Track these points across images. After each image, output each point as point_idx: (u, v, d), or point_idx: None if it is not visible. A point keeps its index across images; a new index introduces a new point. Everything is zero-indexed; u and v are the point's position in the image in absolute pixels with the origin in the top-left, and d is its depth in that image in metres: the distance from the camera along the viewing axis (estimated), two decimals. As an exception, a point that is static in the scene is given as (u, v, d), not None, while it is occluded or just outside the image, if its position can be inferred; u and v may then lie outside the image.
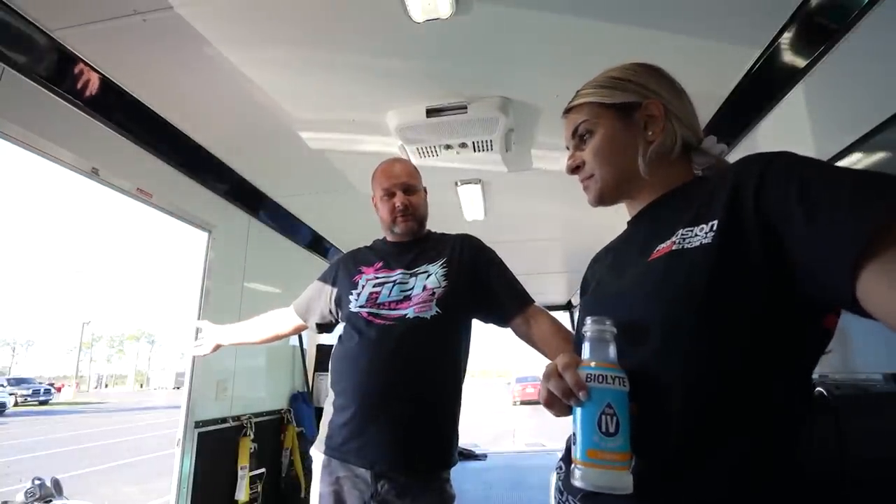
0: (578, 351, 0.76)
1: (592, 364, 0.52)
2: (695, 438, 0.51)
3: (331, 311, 1.34)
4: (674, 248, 0.57)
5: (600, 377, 0.51)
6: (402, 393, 1.11)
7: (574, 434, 0.52)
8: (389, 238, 1.36)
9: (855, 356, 1.13)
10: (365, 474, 1.10)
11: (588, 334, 0.55)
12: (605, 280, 0.70)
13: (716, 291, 0.51)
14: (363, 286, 1.25)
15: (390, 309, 1.18)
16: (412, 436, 1.10)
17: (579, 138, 0.71)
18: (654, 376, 0.54)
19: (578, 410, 0.51)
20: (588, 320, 0.55)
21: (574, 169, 0.73)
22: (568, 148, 0.75)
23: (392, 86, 1.46)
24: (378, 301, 1.20)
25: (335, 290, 1.32)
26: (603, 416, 0.49)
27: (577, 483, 0.49)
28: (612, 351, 0.54)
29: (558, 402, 0.53)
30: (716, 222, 0.53)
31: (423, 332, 1.15)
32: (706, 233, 0.54)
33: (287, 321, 1.45)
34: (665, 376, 0.53)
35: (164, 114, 1.57)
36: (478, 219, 2.61)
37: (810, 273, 0.46)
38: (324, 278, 1.39)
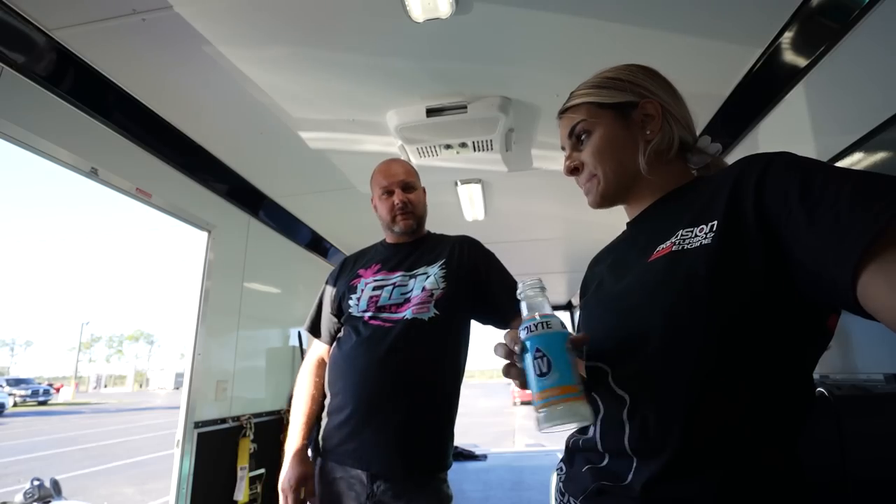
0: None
1: (524, 321, 0.58)
2: (696, 438, 0.51)
3: (337, 320, 1.31)
4: (674, 248, 0.57)
5: (528, 329, 0.56)
6: (399, 394, 1.11)
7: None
8: (389, 239, 1.35)
9: (856, 357, 1.13)
10: (361, 475, 1.09)
11: (521, 296, 0.61)
12: (606, 281, 0.70)
13: (716, 291, 0.51)
14: (362, 290, 1.24)
15: (391, 312, 1.18)
16: (409, 437, 1.09)
17: (576, 139, 0.71)
18: (655, 377, 0.54)
19: (525, 366, 0.56)
20: (519, 284, 0.61)
21: (573, 170, 0.72)
22: (563, 149, 0.75)
23: (392, 86, 1.46)
24: (379, 304, 1.20)
25: (336, 295, 1.31)
26: (535, 361, 0.54)
27: (540, 428, 0.53)
28: (539, 305, 0.59)
29: (512, 369, 0.58)
30: (715, 223, 0.53)
31: (420, 333, 1.15)
32: (706, 233, 0.54)
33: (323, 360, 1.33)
34: (667, 377, 0.53)
35: (164, 113, 1.57)
36: (478, 219, 2.61)
37: (811, 273, 0.46)
38: (323, 290, 1.36)
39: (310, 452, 1.20)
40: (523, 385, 0.57)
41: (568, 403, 0.52)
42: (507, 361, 0.58)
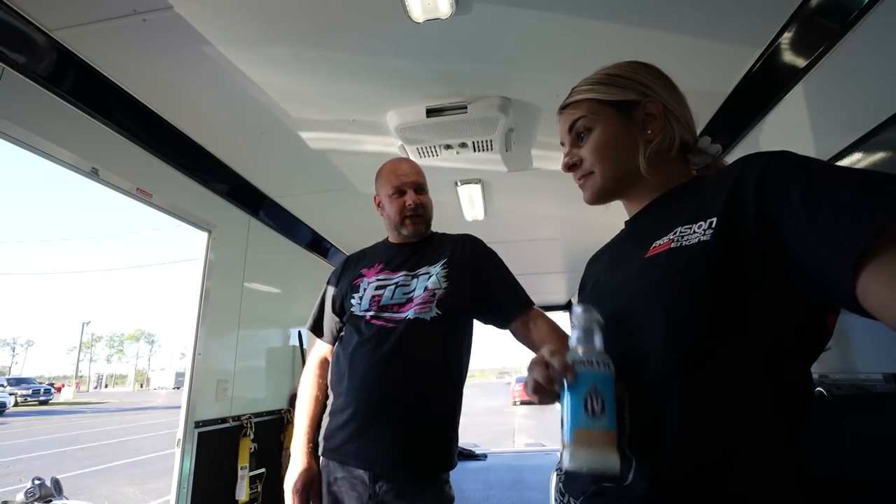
0: None
1: (580, 351, 0.55)
2: (694, 436, 0.51)
3: (339, 319, 1.31)
4: (672, 245, 0.57)
5: (586, 362, 0.53)
6: (403, 394, 1.11)
7: (562, 419, 0.53)
8: (392, 239, 1.35)
9: (855, 356, 1.13)
10: (363, 475, 1.09)
11: (575, 322, 0.57)
12: (603, 277, 0.70)
13: (714, 288, 0.51)
14: (365, 289, 1.24)
15: (394, 312, 1.18)
16: (413, 437, 1.09)
17: (576, 135, 0.71)
18: (652, 374, 0.54)
19: (566, 395, 0.53)
20: (576, 309, 0.57)
21: (571, 166, 0.72)
22: (563, 144, 0.74)
23: (392, 86, 1.46)
24: (381, 304, 1.19)
25: (338, 294, 1.31)
26: (589, 398, 0.51)
27: (566, 465, 0.51)
28: (597, 339, 0.56)
29: (543, 390, 0.56)
30: (715, 220, 0.53)
31: (423, 333, 1.15)
32: (704, 230, 0.54)
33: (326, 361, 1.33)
34: (664, 373, 0.53)
35: (164, 114, 1.57)
36: (478, 219, 2.61)
37: (812, 272, 0.46)
38: (326, 290, 1.35)
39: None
40: (546, 401, 0.56)
41: (606, 452, 0.50)
42: (542, 383, 0.55)
